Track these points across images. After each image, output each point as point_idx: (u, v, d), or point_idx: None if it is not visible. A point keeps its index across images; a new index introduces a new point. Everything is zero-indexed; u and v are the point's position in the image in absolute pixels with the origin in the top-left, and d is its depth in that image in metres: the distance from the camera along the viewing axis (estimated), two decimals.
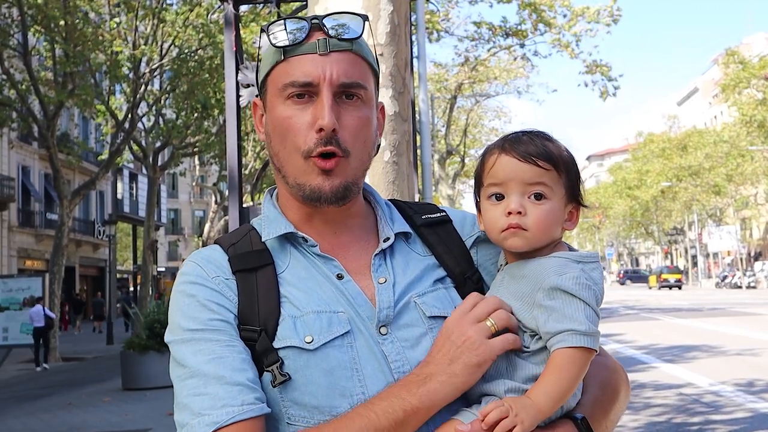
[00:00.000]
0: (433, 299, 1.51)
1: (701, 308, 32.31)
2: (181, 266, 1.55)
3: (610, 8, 25.09)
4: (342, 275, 1.49)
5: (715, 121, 77.90)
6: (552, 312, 1.39)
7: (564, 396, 1.37)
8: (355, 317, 1.45)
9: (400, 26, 3.31)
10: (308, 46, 1.47)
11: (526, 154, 1.47)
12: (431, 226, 1.62)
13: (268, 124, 1.53)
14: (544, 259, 1.47)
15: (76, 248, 43.52)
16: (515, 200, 1.47)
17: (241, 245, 1.53)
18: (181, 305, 1.46)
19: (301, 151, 1.46)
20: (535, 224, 1.46)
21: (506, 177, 1.48)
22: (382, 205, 1.63)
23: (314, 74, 1.45)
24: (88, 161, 40.14)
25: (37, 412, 12.77)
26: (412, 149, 3.54)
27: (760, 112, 45.99)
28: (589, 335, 1.36)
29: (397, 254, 1.56)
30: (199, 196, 73.89)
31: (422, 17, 9.10)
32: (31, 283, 21.45)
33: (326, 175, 1.46)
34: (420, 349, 1.44)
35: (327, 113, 1.44)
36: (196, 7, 23.06)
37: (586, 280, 1.42)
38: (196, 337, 1.41)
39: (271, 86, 1.51)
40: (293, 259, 1.51)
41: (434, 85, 31.01)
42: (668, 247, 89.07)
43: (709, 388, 11.63)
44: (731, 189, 60.80)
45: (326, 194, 1.46)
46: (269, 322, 1.43)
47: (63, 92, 22.06)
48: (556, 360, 1.37)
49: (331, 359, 1.40)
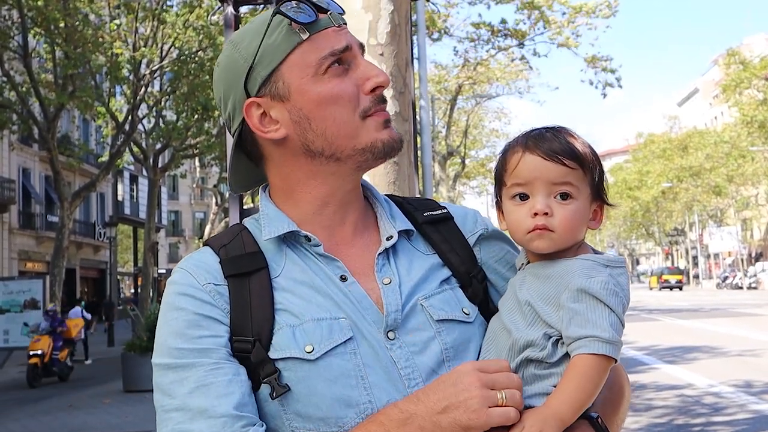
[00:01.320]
0: (440, 301, 1.46)
1: (702, 309, 32.32)
2: (172, 273, 1.48)
3: (607, 1, 25.12)
4: (346, 277, 1.43)
5: (716, 122, 77.92)
6: (576, 315, 1.35)
7: (585, 404, 1.33)
8: (359, 322, 1.40)
9: (400, 26, 3.29)
10: (324, 21, 1.45)
11: (551, 152, 1.43)
12: (433, 223, 1.57)
13: (301, 110, 1.44)
14: (570, 260, 1.43)
15: (77, 250, 43.53)
16: (541, 200, 1.42)
17: (233, 247, 1.46)
18: (169, 319, 1.39)
19: (357, 112, 1.43)
20: (562, 225, 1.42)
21: (531, 176, 1.43)
22: (382, 201, 1.58)
23: (345, 41, 1.45)
24: (89, 163, 40.16)
25: (37, 414, 12.76)
26: (412, 150, 3.53)
27: (760, 112, 45.99)
28: (611, 343, 1.32)
29: (401, 253, 1.51)
30: (199, 197, 73.90)
31: (422, 18, 9.10)
32: (32, 286, 21.45)
33: (390, 127, 1.47)
34: (428, 354, 1.40)
35: (378, 70, 1.46)
36: (196, 9, 23.08)
37: (614, 286, 1.38)
38: (181, 363, 1.35)
39: (296, 69, 1.43)
40: (288, 261, 1.45)
41: (434, 86, 31.03)
42: (669, 248, 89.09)
43: (710, 389, 11.62)
44: (732, 190, 60.83)
45: (398, 142, 1.47)
46: (263, 332, 1.37)
47: (63, 94, 22.07)
48: (576, 366, 1.33)
49: (334, 368, 1.35)
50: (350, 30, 1.50)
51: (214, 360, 1.35)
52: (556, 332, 1.37)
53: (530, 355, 1.38)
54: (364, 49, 1.51)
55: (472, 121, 41.62)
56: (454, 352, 1.43)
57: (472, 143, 44.50)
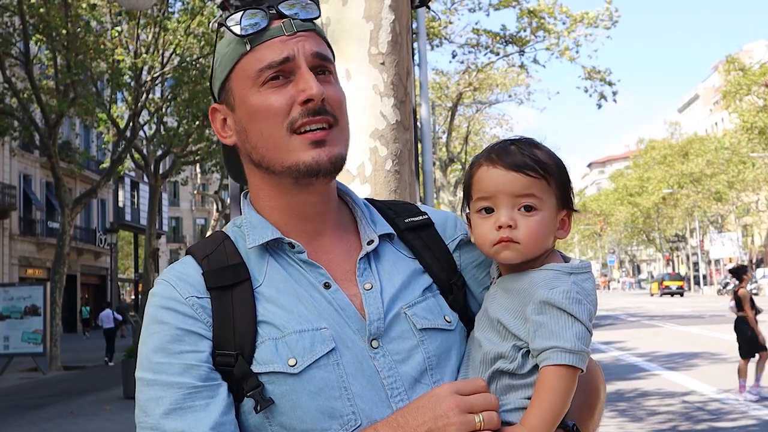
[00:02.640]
0: (423, 310, 1.46)
1: (703, 315, 32.29)
2: (154, 284, 1.46)
3: (608, 11, 25.14)
4: (329, 284, 1.42)
5: (716, 128, 77.93)
6: (539, 327, 1.35)
7: (558, 416, 1.33)
8: (342, 331, 1.38)
9: (401, 35, 3.30)
10: (273, 30, 1.43)
11: (513, 165, 1.43)
12: (414, 230, 1.56)
13: (242, 120, 1.45)
14: (535, 272, 1.43)
15: (78, 257, 43.53)
16: (505, 213, 1.43)
17: (216, 257, 1.44)
18: (151, 333, 1.38)
19: (284, 125, 1.40)
20: (527, 237, 1.43)
21: (495, 190, 1.44)
22: (361, 204, 1.56)
23: (288, 52, 1.41)
24: (90, 169, 40.17)
25: (38, 421, 12.75)
26: (413, 158, 3.53)
27: (761, 118, 46.00)
28: (575, 353, 1.32)
29: (383, 258, 1.49)
30: (200, 204, 73.92)
31: (423, 25, 9.12)
32: (33, 292, 21.46)
33: (320, 146, 1.40)
34: (411, 363, 1.40)
35: (313, 82, 1.39)
36: (198, 16, 23.11)
37: (577, 293, 1.38)
38: (160, 381, 1.34)
39: (239, 80, 1.44)
40: (270, 269, 1.43)
41: (435, 93, 31.04)
42: (670, 254, 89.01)
43: (713, 396, 11.60)
44: (733, 196, 60.83)
45: (325, 165, 1.40)
46: (245, 345, 1.36)
47: (64, 101, 22.07)
48: (544, 379, 1.33)
49: (318, 380, 1.34)
50: (352, 39, 1.49)
51: (193, 381, 1.34)
52: (525, 344, 1.38)
53: (501, 366, 1.39)
54: (324, 57, 1.45)
55: (472, 127, 41.62)
56: (437, 360, 1.43)
57: (472, 149, 44.49)
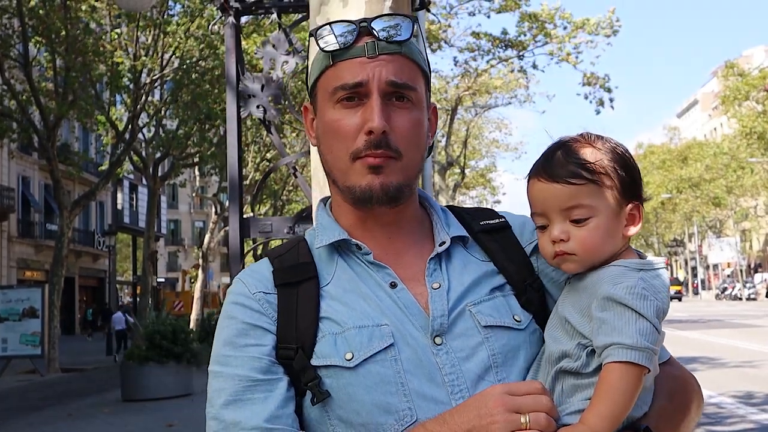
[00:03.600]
0: (489, 308, 1.46)
1: (701, 320, 32.30)
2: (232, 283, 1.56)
3: (609, 19, 25.20)
4: (395, 284, 1.45)
5: (715, 133, 77.99)
6: (603, 324, 1.32)
7: (619, 416, 1.29)
8: (404, 328, 1.40)
9: None
10: (357, 49, 1.45)
11: (556, 176, 1.39)
12: (490, 232, 1.57)
13: (319, 129, 1.51)
14: (602, 269, 1.40)
15: (76, 259, 43.46)
16: (557, 227, 1.40)
17: (288, 257, 1.51)
18: (222, 327, 1.47)
19: (349, 152, 1.43)
20: (581, 248, 1.39)
21: (543, 205, 1.42)
22: (438, 210, 1.59)
23: (363, 76, 1.43)
24: (89, 172, 40.14)
25: (36, 424, 12.72)
26: None
27: (759, 124, 46.04)
28: (637, 349, 1.28)
29: (454, 259, 1.51)
30: (199, 206, 73.86)
31: (423, 28, 9.12)
32: (31, 294, 21.43)
33: (376, 174, 1.42)
34: (475, 361, 1.40)
35: (377, 115, 1.41)
36: (198, 18, 23.11)
37: (643, 289, 1.33)
38: (224, 373, 1.41)
39: (321, 91, 1.49)
40: (339, 270, 1.48)
41: (434, 97, 31.04)
42: (668, 259, 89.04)
43: (710, 400, 11.60)
44: (731, 201, 60.86)
45: (377, 193, 1.43)
46: (306, 339, 1.41)
47: (63, 104, 22.05)
48: (605, 376, 1.30)
49: (373, 375, 1.37)
50: None
51: (254, 374, 1.40)
52: (590, 342, 1.35)
53: (565, 365, 1.37)
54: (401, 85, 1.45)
55: (471, 131, 41.63)
56: (503, 358, 1.42)
57: (471, 153, 44.50)
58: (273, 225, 4.89)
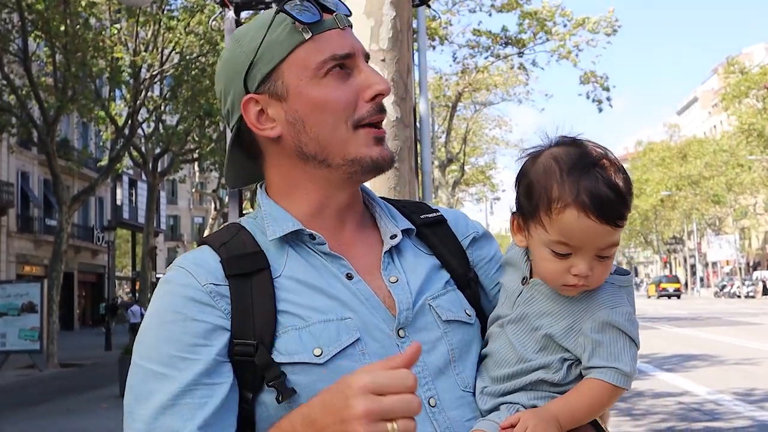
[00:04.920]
0: (447, 302, 1.45)
1: (700, 317, 32.32)
2: (167, 271, 1.42)
3: (609, 19, 25.21)
4: (351, 275, 1.41)
5: (715, 131, 78.00)
6: (599, 346, 1.35)
7: (583, 420, 1.35)
8: (368, 320, 1.37)
9: (402, 32, 3.30)
10: (328, 22, 1.42)
11: (608, 219, 1.33)
12: (429, 226, 1.56)
13: (296, 112, 1.42)
14: None
15: (75, 254, 43.48)
16: (585, 263, 1.35)
17: (233, 246, 1.41)
18: (165, 321, 1.34)
19: (352, 120, 1.41)
20: (599, 281, 1.39)
21: (582, 241, 1.35)
22: (379, 202, 1.56)
23: (349, 46, 1.42)
24: (88, 167, 40.13)
25: (35, 419, 12.73)
26: (413, 155, 3.53)
27: (759, 121, 46.05)
28: (629, 377, 1.35)
29: (405, 252, 1.49)
30: (198, 202, 73.92)
31: (423, 24, 9.12)
32: (30, 289, 21.43)
33: (381, 144, 1.43)
34: (436, 354, 1.39)
35: (380, 77, 1.42)
36: (198, 14, 23.09)
37: (632, 314, 1.40)
38: (165, 374, 1.30)
39: (295, 69, 1.41)
40: (290, 261, 1.41)
41: (433, 93, 31.03)
42: (667, 257, 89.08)
43: (709, 397, 11.61)
44: (730, 198, 60.86)
45: (387, 161, 1.44)
46: (266, 335, 1.32)
47: (63, 98, 22.02)
48: (590, 386, 1.34)
49: (343, 370, 1.27)
50: None
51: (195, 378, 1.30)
52: (573, 357, 1.38)
53: (544, 376, 1.38)
54: (368, 56, 1.48)
55: (471, 128, 41.64)
56: (459, 352, 1.43)
57: (471, 151, 44.51)
58: None
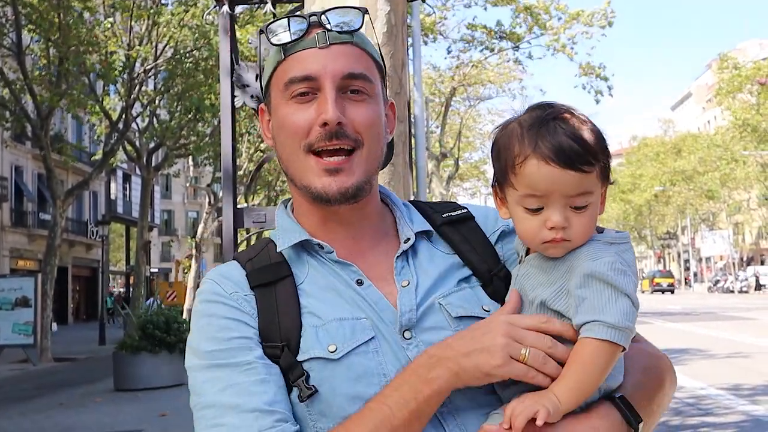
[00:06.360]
0: (459, 299, 1.45)
1: (693, 312, 32.41)
2: (201, 284, 1.52)
3: (604, 11, 25.21)
4: (362, 281, 1.43)
5: (709, 126, 78.12)
6: (583, 301, 1.30)
7: (588, 390, 1.29)
8: (378, 323, 1.40)
9: (396, 26, 3.31)
10: (307, 41, 1.42)
11: (569, 163, 1.31)
12: (452, 224, 1.56)
13: (274, 128, 1.48)
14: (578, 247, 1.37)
15: (69, 248, 43.42)
16: (558, 214, 1.34)
17: (259, 260, 1.47)
18: (200, 326, 1.42)
19: (302, 145, 1.41)
20: (580, 234, 1.35)
21: (547, 189, 1.33)
22: (400, 205, 1.57)
23: (314, 68, 1.40)
24: (82, 161, 40.00)
25: (28, 413, 12.72)
26: (407, 150, 3.54)
27: (753, 116, 46.13)
28: (618, 329, 1.27)
29: (420, 254, 1.50)
30: (192, 197, 73.76)
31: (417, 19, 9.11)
32: (23, 283, 21.37)
33: (333, 175, 1.40)
34: None
35: (330, 106, 1.38)
36: (192, 8, 23.01)
37: (621, 264, 1.32)
38: (214, 363, 1.36)
39: (275, 89, 1.46)
40: (311, 269, 1.46)
41: (428, 88, 31.02)
42: (661, 252, 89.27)
43: (702, 392, 11.65)
44: (724, 194, 61.00)
45: (334, 195, 1.41)
46: (291, 336, 1.38)
47: (57, 92, 21.95)
48: (579, 351, 1.29)
49: (357, 367, 1.35)
50: None
51: (246, 358, 1.36)
52: (567, 320, 1.34)
53: None
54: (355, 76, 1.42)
55: (465, 123, 41.62)
56: None
57: (466, 146, 44.51)
58: (267, 215, 4.88)
